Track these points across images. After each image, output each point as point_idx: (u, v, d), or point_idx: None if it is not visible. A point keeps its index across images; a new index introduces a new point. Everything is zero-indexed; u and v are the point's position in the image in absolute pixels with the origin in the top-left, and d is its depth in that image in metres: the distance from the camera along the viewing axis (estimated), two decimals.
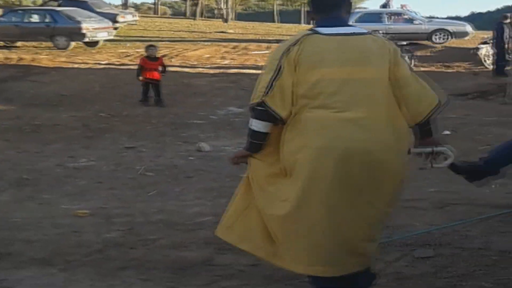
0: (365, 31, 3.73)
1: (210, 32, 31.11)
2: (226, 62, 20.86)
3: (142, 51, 17.95)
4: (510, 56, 16.96)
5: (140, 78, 12.95)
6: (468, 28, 26.11)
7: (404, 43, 19.45)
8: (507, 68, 16.26)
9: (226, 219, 3.93)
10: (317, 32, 3.63)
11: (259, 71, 3.75)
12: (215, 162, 8.15)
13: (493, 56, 18.98)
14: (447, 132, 9.60)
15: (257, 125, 3.63)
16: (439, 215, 5.91)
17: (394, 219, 5.58)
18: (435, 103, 3.72)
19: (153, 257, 4.95)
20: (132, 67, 15.61)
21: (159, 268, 4.72)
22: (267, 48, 24.41)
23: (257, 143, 3.70)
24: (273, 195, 3.69)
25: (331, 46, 3.60)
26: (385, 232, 5.28)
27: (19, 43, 24.20)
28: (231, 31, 32.04)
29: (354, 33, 3.67)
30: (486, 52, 19.87)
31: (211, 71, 18.35)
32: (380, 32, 16.92)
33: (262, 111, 3.58)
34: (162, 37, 27.21)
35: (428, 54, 21.76)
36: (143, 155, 8.52)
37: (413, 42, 23.58)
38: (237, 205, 3.87)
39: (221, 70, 18.56)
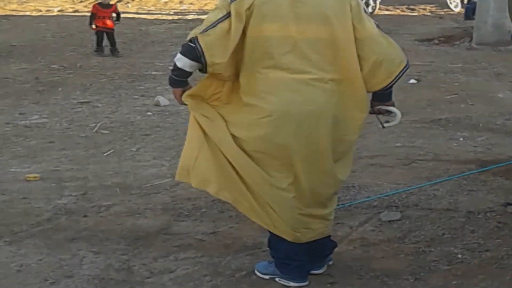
0: None
1: None
2: (185, 7, 20.34)
3: None
4: None
5: (93, 26, 12.44)
6: None
7: None
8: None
9: (184, 161, 3.72)
10: None
11: None
12: (173, 117, 7.84)
13: None
14: (413, 81, 9.41)
15: (182, 61, 3.41)
16: (406, 172, 5.73)
17: (359, 178, 5.42)
18: (404, 64, 3.48)
19: (107, 226, 4.69)
20: (86, 14, 15.01)
21: (112, 239, 4.46)
22: None
23: (180, 80, 3.51)
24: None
25: (285, 0, 3.35)
26: (350, 192, 5.13)
27: None
28: None
29: None
30: None
31: (169, 17, 17.80)
32: None
33: (192, 48, 3.33)
34: None
35: None
36: (97, 111, 8.16)
37: None
38: (191, 145, 3.68)
39: (180, 16, 18.04)
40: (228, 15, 3.32)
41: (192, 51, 3.34)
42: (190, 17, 17.91)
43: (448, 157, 6.14)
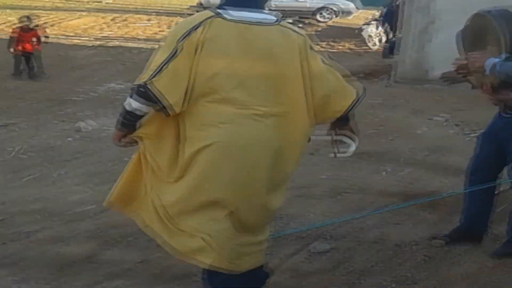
0: (273, 19, 3.45)
1: (87, 1, 29.90)
2: (105, 34, 20.10)
3: (13, 19, 17.01)
4: (395, 38, 17.17)
5: (11, 50, 12.16)
6: (352, 7, 26.51)
7: (290, 20, 19.40)
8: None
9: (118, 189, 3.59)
10: (221, 16, 3.34)
11: (141, 45, 3.42)
12: (96, 143, 7.68)
13: (379, 36, 19.30)
14: None
15: (135, 105, 3.31)
16: (333, 204, 5.77)
17: (288, 208, 5.41)
18: (353, 97, 3.50)
19: (29, 254, 4.50)
20: (3, 37, 14.63)
21: (36, 267, 4.28)
22: (148, 20, 23.82)
23: (129, 124, 3.40)
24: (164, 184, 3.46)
25: (233, 35, 3.35)
26: (280, 222, 5.11)
27: None
28: (109, 0, 30.93)
29: (260, 22, 3.40)
30: (370, 32, 20.17)
31: (90, 43, 17.57)
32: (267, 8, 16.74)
33: (144, 93, 3.25)
34: (35, 6, 25.88)
35: (314, 32, 21.80)
36: (16, 135, 7.91)
37: (298, 19, 23.63)
38: (129, 177, 3.56)
39: (100, 43, 17.82)
40: (175, 52, 3.28)
41: (145, 95, 3.26)
42: (111, 44, 17.70)
43: (373, 190, 6.21)
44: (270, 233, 4.49)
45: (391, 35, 18.29)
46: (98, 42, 17.85)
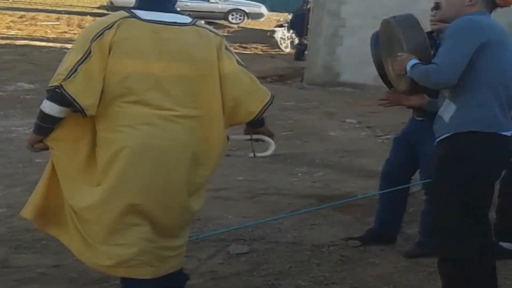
0: (188, 20, 3.44)
1: None
2: (13, 32, 19.53)
3: None
4: (306, 41, 17.40)
5: None
6: (264, 9, 26.69)
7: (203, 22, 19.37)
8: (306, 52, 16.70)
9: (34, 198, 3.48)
10: (135, 16, 3.31)
11: (50, 44, 3.34)
12: (5, 145, 7.44)
13: (292, 39, 19.52)
14: None
15: (51, 108, 3.24)
16: (250, 206, 5.79)
17: (205, 211, 5.38)
18: (267, 99, 3.52)
19: None
20: None
21: None
22: (58, 19, 23.32)
23: (46, 127, 3.32)
24: (80, 189, 3.36)
25: (147, 36, 3.32)
26: (197, 224, 5.09)
27: None
28: None
29: (175, 22, 3.38)
30: (282, 35, 20.36)
31: None
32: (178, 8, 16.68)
33: (58, 95, 3.19)
34: None
35: (225, 34, 21.81)
36: None
37: (209, 21, 23.61)
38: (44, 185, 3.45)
39: (8, 41, 17.29)
40: (88, 53, 3.21)
41: (60, 98, 3.19)
42: (19, 42, 17.21)
43: (289, 192, 6.27)
44: (188, 235, 4.48)
45: (300, 39, 18.49)
46: (5, 41, 17.32)
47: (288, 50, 19.68)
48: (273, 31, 21.14)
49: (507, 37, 3.56)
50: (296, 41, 19.07)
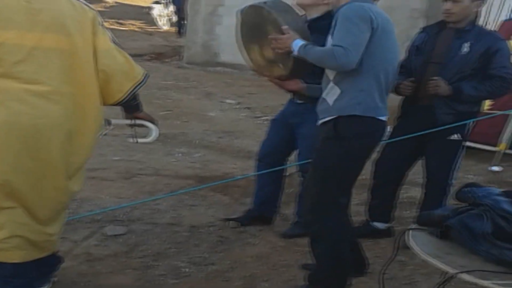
0: None
1: None
2: None
3: None
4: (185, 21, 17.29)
5: None
6: None
7: None
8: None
9: None
10: None
11: None
12: None
13: (170, 16, 19.30)
14: None
15: None
16: (127, 186, 5.68)
17: (80, 191, 5.25)
18: (139, 78, 3.46)
19: None
20: None
21: None
22: None
23: None
24: None
25: (20, 5, 3.17)
26: (72, 205, 4.94)
27: None
28: None
29: None
30: (160, 12, 20.08)
31: None
32: None
33: None
34: None
35: (100, 9, 21.31)
36: None
37: None
38: None
39: None
40: None
41: None
42: None
43: (167, 172, 6.21)
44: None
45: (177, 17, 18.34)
46: None
47: (166, 27, 19.46)
48: (151, 8, 20.83)
49: (392, 26, 3.66)
50: (174, 18, 18.87)
